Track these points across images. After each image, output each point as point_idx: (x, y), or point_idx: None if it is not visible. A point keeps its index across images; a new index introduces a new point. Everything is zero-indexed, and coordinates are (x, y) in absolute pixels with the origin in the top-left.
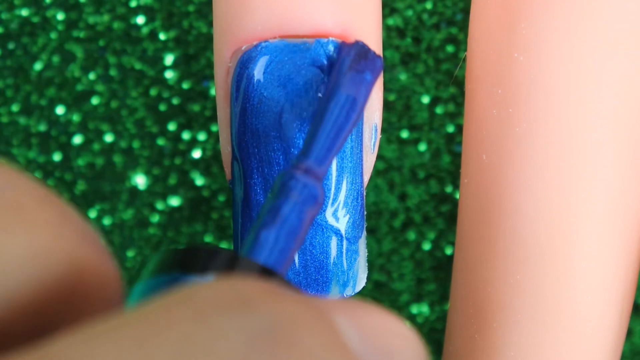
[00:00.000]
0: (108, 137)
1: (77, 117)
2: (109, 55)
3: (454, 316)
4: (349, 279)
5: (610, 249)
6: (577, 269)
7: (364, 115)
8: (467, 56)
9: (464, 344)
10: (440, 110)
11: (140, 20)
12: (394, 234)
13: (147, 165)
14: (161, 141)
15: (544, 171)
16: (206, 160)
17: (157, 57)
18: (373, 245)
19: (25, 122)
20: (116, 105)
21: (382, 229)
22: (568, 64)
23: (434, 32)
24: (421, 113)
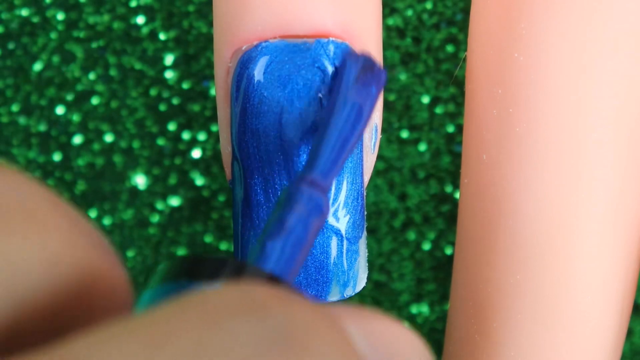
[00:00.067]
0: (108, 137)
1: (77, 117)
2: (109, 55)
3: (454, 316)
4: (349, 279)
5: (610, 249)
6: (577, 269)
7: None
8: (467, 56)
9: (464, 344)
10: (440, 110)
11: (140, 20)
12: (394, 234)
13: (147, 165)
14: (161, 141)
15: (544, 171)
16: (206, 160)
17: (157, 57)
18: (373, 245)
19: (25, 122)
20: (116, 105)
21: (382, 229)
22: (568, 64)
23: (434, 32)
24: (421, 113)
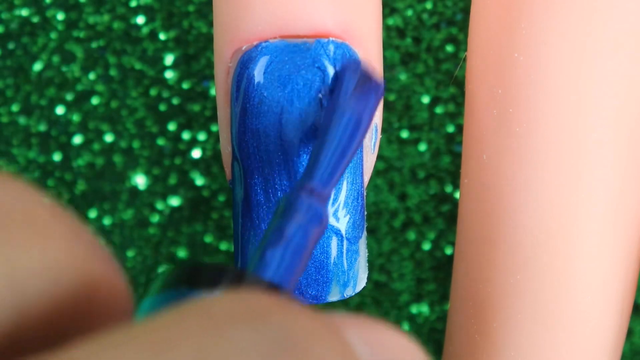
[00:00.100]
0: (108, 137)
1: (77, 117)
2: (109, 55)
3: (454, 316)
4: (349, 279)
5: (610, 249)
6: (577, 269)
7: None
8: (467, 56)
9: (464, 344)
10: (440, 110)
11: (140, 20)
12: (394, 234)
13: (147, 165)
14: (161, 141)
15: (544, 171)
16: (206, 160)
17: (157, 57)
18: (373, 245)
19: (25, 122)
20: (116, 105)
21: (382, 229)
22: (568, 64)
23: (434, 32)
24: (421, 113)
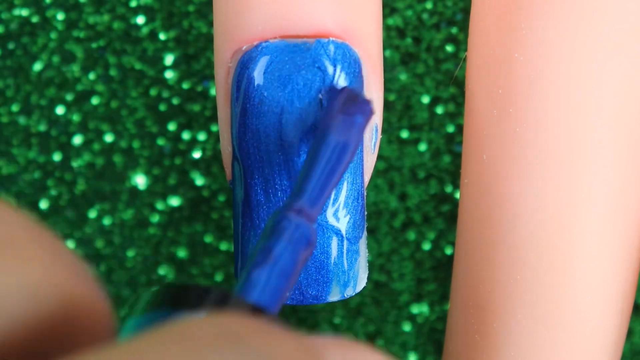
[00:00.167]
0: (108, 137)
1: (77, 117)
2: (109, 55)
3: (454, 316)
4: (350, 279)
5: (610, 249)
6: (577, 269)
7: None
8: (467, 56)
9: (464, 344)
10: (440, 110)
11: (140, 20)
12: (394, 234)
13: (147, 165)
14: (161, 141)
15: (544, 171)
16: (206, 160)
17: (157, 57)
18: (373, 245)
19: (25, 122)
20: (116, 105)
21: (382, 229)
22: (568, 64)
23: (434, 32)
24: (421, 113)
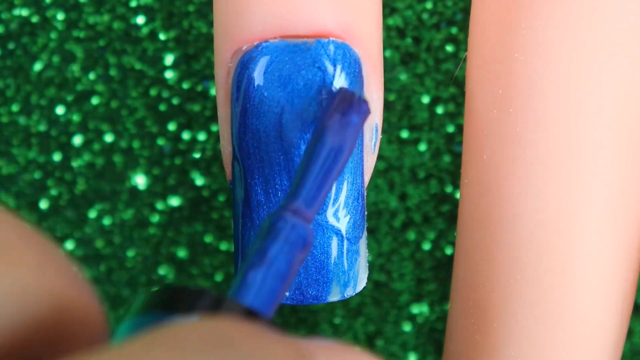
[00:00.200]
0: (108, 137)
1: (77, 117)
2: (109, 55)
3: (454, 316)
4: (350, 279)
5: (610, 249)
6: (577, 269)
7: None
8: (467, 56)
9: (464, 344)
10: (440, 110)
11: (140, 20)
12: (394, 234)
13: (147, 165)
14: (161, 141)
15: (544, 171)
16: (206, 160)
17: (157, 57)
18: (373, 245)
19: (25, 122)
20: (116, 105)
21: (382, 229)
22: (568, 63)
23: (434, 32)
24: (421, 113)
